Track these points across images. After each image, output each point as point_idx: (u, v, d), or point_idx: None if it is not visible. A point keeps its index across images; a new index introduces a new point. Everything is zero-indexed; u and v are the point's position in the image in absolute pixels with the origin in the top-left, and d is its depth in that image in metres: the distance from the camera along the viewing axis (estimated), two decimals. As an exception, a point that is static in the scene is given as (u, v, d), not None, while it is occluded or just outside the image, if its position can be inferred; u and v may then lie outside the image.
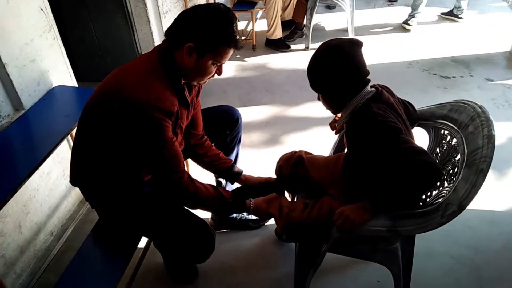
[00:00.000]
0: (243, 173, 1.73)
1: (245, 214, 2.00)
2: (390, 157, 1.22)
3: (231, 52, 1.31)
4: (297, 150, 1.70)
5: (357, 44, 1.30)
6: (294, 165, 1.62)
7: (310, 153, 1.69)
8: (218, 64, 1.34)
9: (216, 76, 1.38)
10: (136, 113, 1.23)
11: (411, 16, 3.86)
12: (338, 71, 1.28)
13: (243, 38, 4.00)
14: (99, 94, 1.34)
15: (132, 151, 1.33)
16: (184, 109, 1.43)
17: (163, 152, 1.30)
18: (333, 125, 1.70)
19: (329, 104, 1.39)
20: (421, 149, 1.21)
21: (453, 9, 3.97)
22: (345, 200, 1.39)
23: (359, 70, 1.30)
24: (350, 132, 1.36)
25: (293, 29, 3.85)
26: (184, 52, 1.27)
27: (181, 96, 1.36)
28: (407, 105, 1.48)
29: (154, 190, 1.48)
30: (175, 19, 1.30)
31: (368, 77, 1.33)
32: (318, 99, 1.41)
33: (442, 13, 4.07)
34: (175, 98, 1.32)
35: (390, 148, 1.22)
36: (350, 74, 1.29)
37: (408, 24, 3.85)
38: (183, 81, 1.36)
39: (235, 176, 1.72)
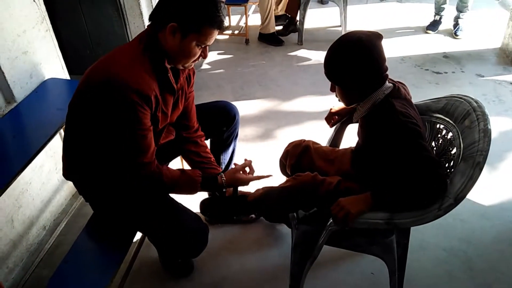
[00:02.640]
0: None
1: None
2: (405, 159, 1.24)
3: (215, 33, 1.29)
4: (306, 139, 1.70)
5: (379, 38, 1.28)
6: (300, 154, 1.63)
7: (318, 144, 1.70)
8: (203, 46, 1.30)
9: (201, 59, 1.35)
10: (111, 93, 1.22)
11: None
12: (361, 65, 1.26)
13: (236, 32, 3.98)
14: (81, 82, 1.32)
15: (108, 137, 1.30)
16: (169, 94, 1.40)
17: (133, 136, 1.28)
18: (328, 119, 1.71)
19: (345, 97, 1.38)
20: (440, 162, 1.22)
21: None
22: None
23: (381, 65, 1.29)
24: (368, 127, 1.36)
25: (286, 24, 3.84)
26: (167, 32, 1.24)
27: (164, 80, 1.34)
28: None
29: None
30: (159, 0, 1.28)
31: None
32: (332, 90, 1.39)
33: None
34: (155, 82, 1.29)
35: (407, 150, 1.23)
36: (373, 69, 1.28)
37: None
38: (168, 66, 1.33)
39: None
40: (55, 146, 2.00)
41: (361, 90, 1.33)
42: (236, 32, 3.99)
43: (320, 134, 2.14)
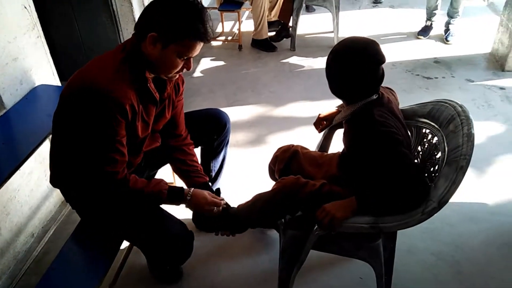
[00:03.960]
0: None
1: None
2: (387, 166, 1.26)
3: (197, 45, 1.26)
4: (294, 144, 1.71)
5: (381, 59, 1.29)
6: (289, 158, 1.64)
7: (307, 149, 1.72)
8: (185, 58, 1.28)
9: (185, 71, 1.33)
10: (85, 101, 1.21)
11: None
12: (362, 79, 1.28)
13: (229, 38, 4.01)
14: (63, 90, 1.32)
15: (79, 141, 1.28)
16: (151, 104, 1.39)
17: (103, 145, 1.26)
18: (317, 124, 1.73)
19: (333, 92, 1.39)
20: (421, 167, 1.26)
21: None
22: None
23: (380, 81, 1.31)
24: (350, 134, 1.38)
25: (279, 30, 3.86)
26: (148, 42, 1.23)
27: (144, 90, 1.32)
28: None
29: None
30: (143, 10, 1.28)
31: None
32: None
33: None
34: (133, 91, 1.28)
35: (387, 159, 1.25)
36: (372, 84, 1.30)
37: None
38: (151, 75, 1.33)
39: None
40: (44, 153, 1.99)
41: (349, 97, 1.35)
42: (229, 38, 4.02)
43: (311, 139, 2.15)
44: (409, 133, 1.47)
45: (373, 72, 1.28)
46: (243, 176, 2.28)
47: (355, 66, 1.28)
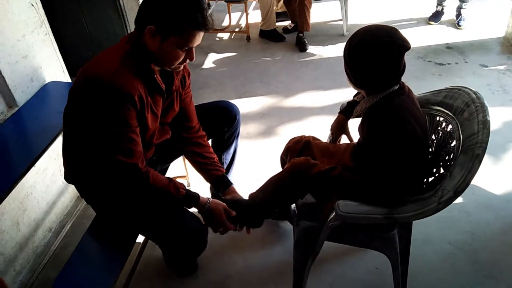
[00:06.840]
0: (233, 186, 1.69)
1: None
2: (387, 154, 1.26)
3: (197, 35, 1.24)
4: (306, 135, 1.70)
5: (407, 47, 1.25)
6: (301, 149, 1.63)
7: (319, 139, 1.70)
8: (186, 48, 1.27)
9: (188, 61, 1.32)
10: (94, 93, 1.22)
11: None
12: (386, 69, 1.24)
13: (237, 30, 3.98)
14: (72, 85, 1.33)
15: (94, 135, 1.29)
16: (159, 96, 1.39)
17: (118, 135, 1.26)
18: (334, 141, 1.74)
19: (354, 82, 1.34)
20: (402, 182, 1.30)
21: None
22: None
23: (402, 72, 1.28)
24: (368, 124, 1.35)
25: (294, 28, 3.74)
26: (147, 35, 1.23)
27: (151, 81, 1.32)
28: None
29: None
30: (141, 3, 1.27)
31: None
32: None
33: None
34: (140, 83, 1.28)
35: (392, 149, 1.25)
36: (395, 75, 1.27)
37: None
38: (156, 68, 1.33)
39: (223, 186, 1.67)
40: (58, 149, 1.99)
41: (373, 87, 1.31)
42: (237, 29, 3.99)
43: (322, 129, 2.13)
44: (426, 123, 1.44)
45: (399, 60, 1.24)
46: (255, 168, 2.28)
47: (382, 55, 1.22)
